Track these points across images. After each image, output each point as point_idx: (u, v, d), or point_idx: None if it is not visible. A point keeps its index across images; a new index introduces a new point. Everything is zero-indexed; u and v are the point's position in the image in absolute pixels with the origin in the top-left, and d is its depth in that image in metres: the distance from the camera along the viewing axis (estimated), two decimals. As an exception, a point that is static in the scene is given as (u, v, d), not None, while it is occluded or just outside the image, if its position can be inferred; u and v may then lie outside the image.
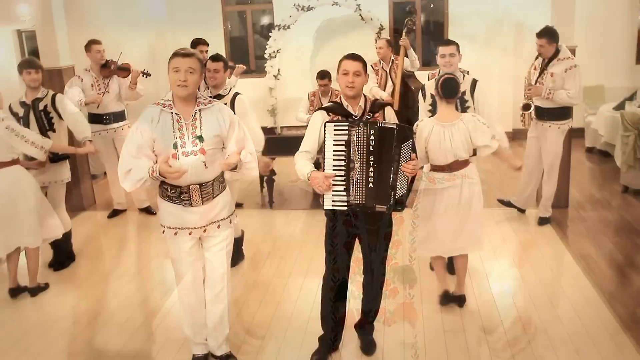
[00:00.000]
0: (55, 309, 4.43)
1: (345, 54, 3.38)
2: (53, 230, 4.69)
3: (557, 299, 4.23)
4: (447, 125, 3.83)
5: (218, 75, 4.46)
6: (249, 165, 3.28)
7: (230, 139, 3.26)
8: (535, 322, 3.90)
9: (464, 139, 3.80)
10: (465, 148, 3.84)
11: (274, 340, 3.85)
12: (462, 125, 3.81)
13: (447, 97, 3.83)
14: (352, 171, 3.22)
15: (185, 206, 3.23)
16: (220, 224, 3.35)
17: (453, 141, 3.80)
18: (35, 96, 4.87)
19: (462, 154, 3.84)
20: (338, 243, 3.45)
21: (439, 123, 3.85)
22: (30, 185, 4.53)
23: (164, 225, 3.32)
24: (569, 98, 5.24)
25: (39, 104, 4.86)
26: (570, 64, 5.26)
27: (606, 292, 4.24)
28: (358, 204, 3.24)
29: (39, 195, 4.59)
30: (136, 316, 4.24)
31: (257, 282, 4.68)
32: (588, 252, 4.95)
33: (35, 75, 4.83)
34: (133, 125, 3.19)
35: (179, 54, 3.10)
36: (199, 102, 3.21)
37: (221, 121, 3.22)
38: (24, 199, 4.45)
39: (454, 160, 3.85)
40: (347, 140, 3.21)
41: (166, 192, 3.24)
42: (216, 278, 3.42)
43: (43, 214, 4.61)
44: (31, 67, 4.81)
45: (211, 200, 3.27)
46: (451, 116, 3.85)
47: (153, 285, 4.70)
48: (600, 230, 5.46)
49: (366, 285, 3.63)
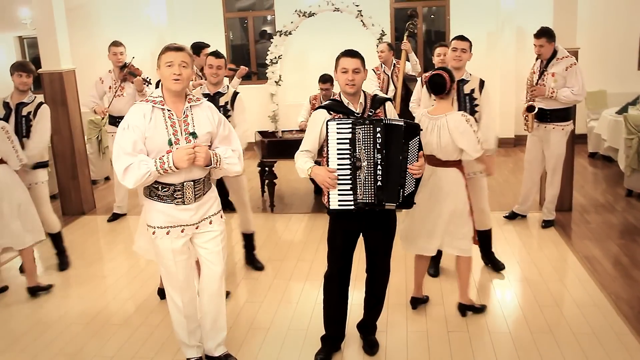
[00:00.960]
0: (51, 310, 4.37)
1: (342, 51, 3.34)
2: (36, 233, 4.63)
3: (562, 300, 4.17)
4: (434, 118, 3.79)
5: (220, 71, 4.43)
6: (229, 160, 3.21)
7: (217, 137, 3.25)
8: (541, 323, 3.84)
9: (447, 135, 3.74)
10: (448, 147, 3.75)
11: (274, 341, 3.79)
12: (444, 121, 3.75)
13: (433, 93, 3.80)
14: (359, 170, 3.16)
15: (177, 204, 3.17)
16: (211, 220, 3.30)
17: (433, 135, 3.76)
18: (21, 100, 4.82)
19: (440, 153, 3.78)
20: (341, 241, 3.39)
21: (427, 115, 3.83)
22: (18, 184, 4.52)
23: (153, 225, 3.21)
24: (573, 95, 5.21)
25: (23, 109, 4.81)
26: (570, 62, 5.25)
27: (612, 293, 4.18)
28: (367, 203, 3.18)
29: (25, 195, 4.57)
30: (134, 318, 4.19)
31: (258, 284, 4.63)
32: (593, 254, 4.89)
33: (26, 79, 4.78)
34: (122, 123, 3.08)
35: (171, 48, 3.07)
36: (189, 99, 3.18)
37: (211, 118, 3.21)
38: (9, 197, 4.42)
39: (430, 154, 3.78)
40: (352, 138, 3.16)
41: (156, 192, 3.16)
42: (213, 276, 3.36)
43: (31, 215, 4.58)
44: (23, 71, 4.77)
45: (202, 197, 3.24)
46: (441, 111, 3.80)
47: (151, 287, 4.64)
48: (604, 232, 5.40)
49: (369, 284, 3.58)
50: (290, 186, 7.45)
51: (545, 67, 5.34)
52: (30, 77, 4.82)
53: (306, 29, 8.94)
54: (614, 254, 4.91)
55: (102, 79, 6.17)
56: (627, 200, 6.30)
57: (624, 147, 6.37)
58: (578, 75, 5.23)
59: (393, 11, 9.26)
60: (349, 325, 3.69)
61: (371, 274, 3.55)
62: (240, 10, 9.90)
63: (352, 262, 3.47)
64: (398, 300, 4.24)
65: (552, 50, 5.28)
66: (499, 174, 7.46)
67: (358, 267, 3.74)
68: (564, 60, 5.26)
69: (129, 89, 6.15)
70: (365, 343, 3.65)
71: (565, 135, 5.43)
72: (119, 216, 6.48)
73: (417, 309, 4.09)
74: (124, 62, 6.13)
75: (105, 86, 6.12)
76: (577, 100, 5.30)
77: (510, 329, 3.80)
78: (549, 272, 4.59)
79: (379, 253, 3.47)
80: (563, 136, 5.42)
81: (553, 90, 5.23)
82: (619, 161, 6.68)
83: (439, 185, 3.82)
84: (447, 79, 3.74)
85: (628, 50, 8.89)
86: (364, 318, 3.69)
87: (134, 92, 6.15)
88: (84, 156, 6.74)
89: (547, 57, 5.30)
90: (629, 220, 5.71)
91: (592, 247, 5.05)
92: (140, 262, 5.14)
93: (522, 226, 5.66)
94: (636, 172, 6.24)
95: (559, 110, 5.35)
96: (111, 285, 4.78)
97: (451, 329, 3.83)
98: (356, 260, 3.50)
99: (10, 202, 4.43)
